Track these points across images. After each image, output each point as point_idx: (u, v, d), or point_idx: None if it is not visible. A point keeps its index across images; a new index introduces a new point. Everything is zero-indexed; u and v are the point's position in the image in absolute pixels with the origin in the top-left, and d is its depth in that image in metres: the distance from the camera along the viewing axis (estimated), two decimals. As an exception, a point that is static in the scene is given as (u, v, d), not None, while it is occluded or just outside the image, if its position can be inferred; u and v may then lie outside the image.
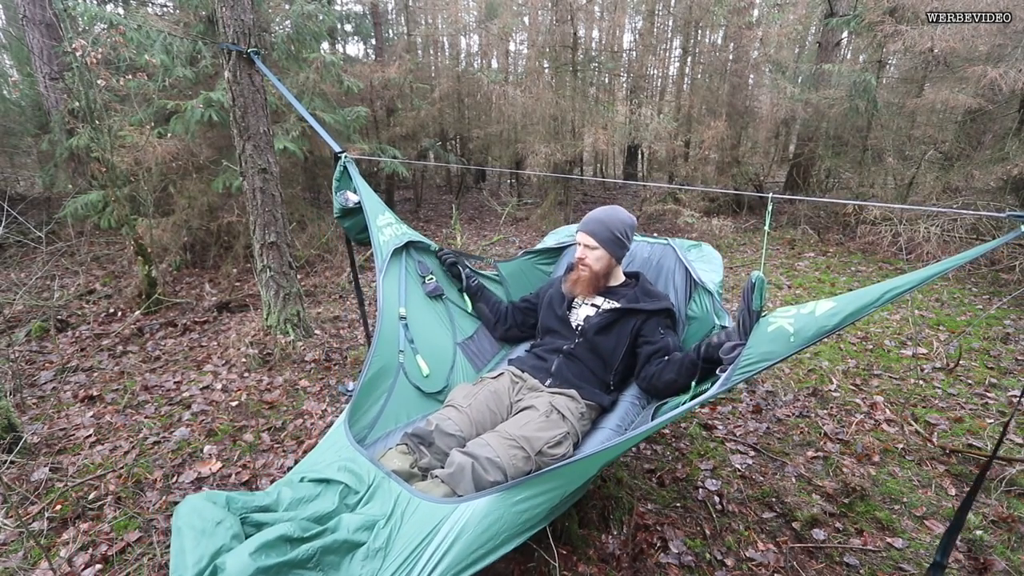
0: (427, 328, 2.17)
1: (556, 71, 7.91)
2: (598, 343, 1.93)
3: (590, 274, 1.99)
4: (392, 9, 11.37)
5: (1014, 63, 4.94)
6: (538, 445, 1.59)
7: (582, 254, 1.99)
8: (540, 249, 2.58)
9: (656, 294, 2.01)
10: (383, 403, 1.90)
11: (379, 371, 1.90)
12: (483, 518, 1.27)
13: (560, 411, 1.76)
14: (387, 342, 1.97)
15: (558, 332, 2.04)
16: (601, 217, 1.97)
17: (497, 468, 1.47)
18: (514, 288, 2.58)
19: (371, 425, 1.84)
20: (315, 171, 6.36)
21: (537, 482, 1.35)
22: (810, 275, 5.13)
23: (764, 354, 1.27)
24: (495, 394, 1.85)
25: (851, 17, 6.41)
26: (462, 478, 1.44)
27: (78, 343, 3.64)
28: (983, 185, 5.44)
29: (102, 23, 4.31)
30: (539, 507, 1.35)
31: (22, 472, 2.23)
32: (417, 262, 2.29)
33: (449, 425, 1.66)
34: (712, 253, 2.32)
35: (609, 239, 1.95)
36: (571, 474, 1.41)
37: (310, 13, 4.92)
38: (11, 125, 6.86)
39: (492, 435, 1.60)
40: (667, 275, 2.26)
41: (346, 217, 2.20)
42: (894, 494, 2.12)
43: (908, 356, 3.31)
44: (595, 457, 1.37)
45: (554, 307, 2.09)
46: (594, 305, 2.02)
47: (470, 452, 1.51)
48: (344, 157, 2.19)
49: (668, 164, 8.59)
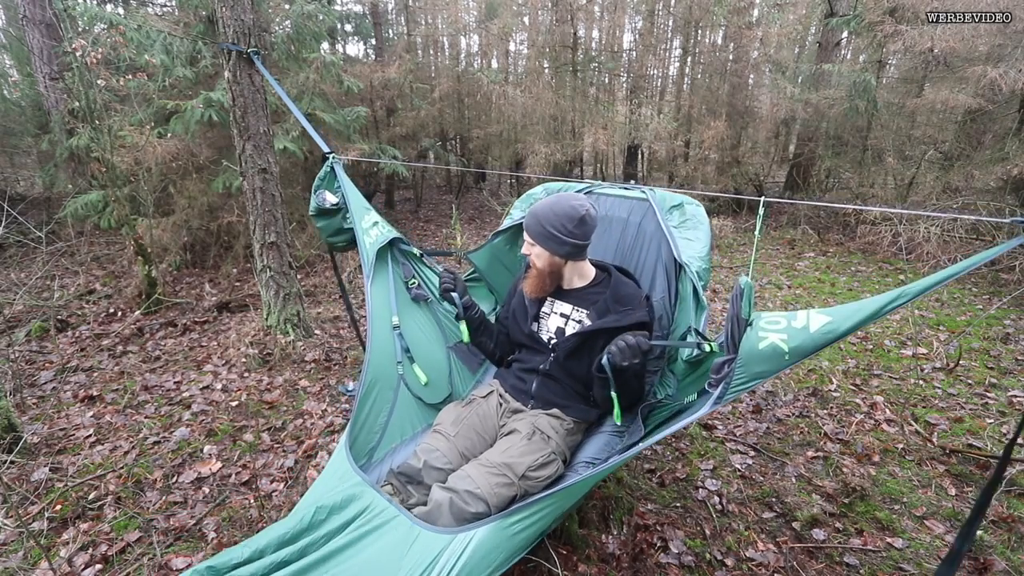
0: (420, 335, 2.10)
1: (556, 71, 7.92)
2: (571, 367, 1.81)
3: (535, 272, 1.81)
4: (392, 9, 11.37)
5: (1014, 63, 4.95)
6: (520, 470, 1.56)
7: (526, 250, 1.81)
8: (508, 227, 2.31)
9: (629, 298, 1.76)
10: (387, 418, 1.85)
11: (378, 385, 1.84)
12: (480, 546, 1.27)
13: (543, 432, 1.71)
14: (382, 353, 1.90)
15: (531, 347, 1.90)
16: (536, 210, 1.73)
17: (478, 499, 1.46)
18: (495, 280, 2.43)
19: (377, 443, 1.80)
20: (315, 171, 6.29)
21: (533, 506, 1.35)
22: (810, 275, 5.13)
23: (757, 373, 1.22)
24: (483, 418, 1.82)
25: (851, 17, 6.42)
26: (440, 515, 1.44)
27: (78, 343, 3.64)
28: (983, 185, 5.44)
29: (102, 23, 4.31)
30: (535, 527, 1.36)
31: (22, 472, 2.23)
32: (401, 264, 2.19)
33: (437, 458, 1.64)
34: (697, 214, 1.99)
35: (542, 234, 1.71)
36: (569, 494, 1.41)
37: (310, 13, 4.92)
38: (11, 125, 6.86)
39: (473, 466, 1.58)
40: (652, 244, 2.02)
41: (320, 217, 2.13)
42: (894, 494, 2.12)
43: (908, 356, 3.31)
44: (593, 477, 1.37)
45: (519, 322, 1.91)
46: (563, 315, 1.84)
47: (450, 487, 1.50)
48: (332, 158, 2.14)
49: (668, 164, 8.60)
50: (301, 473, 2.27)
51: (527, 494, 1.54)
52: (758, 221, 1.57)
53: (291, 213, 5.43)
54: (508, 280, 2.38)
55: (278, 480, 2.22)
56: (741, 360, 1.23)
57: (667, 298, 1.95)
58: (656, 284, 2.00)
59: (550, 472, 1.61)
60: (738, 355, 1.24)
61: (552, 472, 1.62)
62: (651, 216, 2.04)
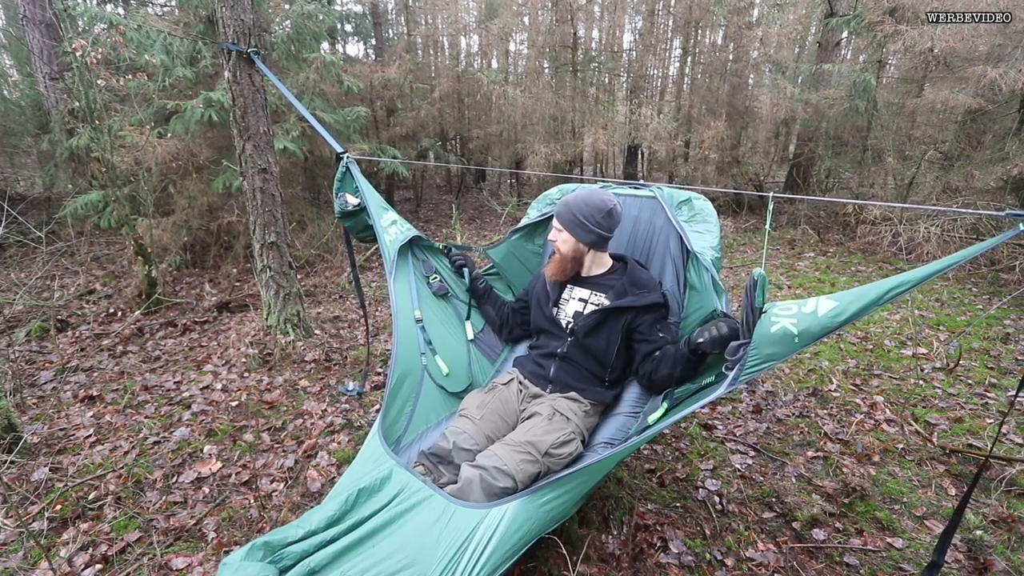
0: (441, 328, 2.19)
1: (556, 71, 7.92)
2: (589, 344, 1.92)
3: (559, 256, 1.97)
4: (392, 9, 11.38)
5: (1014, 63, 4.95)
6: (543, 447, 1.64)
7: (552, 236, 1.98)
8: (525, 225, 2.45)
9: (645, 283, 1.92)
10: (413, 407, 1.95)
11: (404, 376, 1.93)
12: (514, 519, 1.35)
13: (563, 413, 1.81)
14: (407, 346, 1.99)
15: (550, 332, 2.02)
16: (569, 200, 1.92)
17: (505, 475, 1.54)
18: (512, 274, 2.51)
19: (404, 430, 1.89)
20: (315, 171, 6.36)
21: (561, 483, 1.43)
22: (810, 275, 5.13)
23: (769, 355, 1.30)
24: (504, 403, 1.91)
25: (851, 17, 6.41)
26: (471, 490, 1.51)
27: (78, 343, 3.64)
28: (983, 185, 5.44)
29: (102, 23, 4.32)
30: (564, 504, 1.47)
31: (22, 472, 2.23)
32: (421, 261, 2.28)
33: (465, 440, 1.72)
34: (706, 209, 2.11)
35: (571, 222, 1.89)
36: (593, 472, 1.50)
37: (310, 13, 4.92)
38: (11, 125, 6.86)
39: (499, 445, 1.67)
40: (660, 238, 2.13)
41: (346, 218, 2.21)
42: (894, 494, 2.12)
43: (908, 356, 3.31)
44: (614, 456, 1.45)
45: (542, 307, 2.05)
46: (582, 300, 1.98)
47: (478, 464, 1.58)
48: (347, 157, 2.19)
49: (668, 164, 8.60)
50: (301, 473, 2.27)
51: (550, 471, 1.63)
52: (768, 215, 1.63)
53: (291, 213, 5.44)
54: (524, 275, 2.50)
55: (278, 480, 2.22)
56: (755, 343, 1.33)
57: (676, 287, 2.06)
58: (666, 274, 2.10)
59: (571, 450, 1.70)
60: (752, 339, 1.33)
61: (573, 450, 1.71)
62: (660, 212, 2.16)
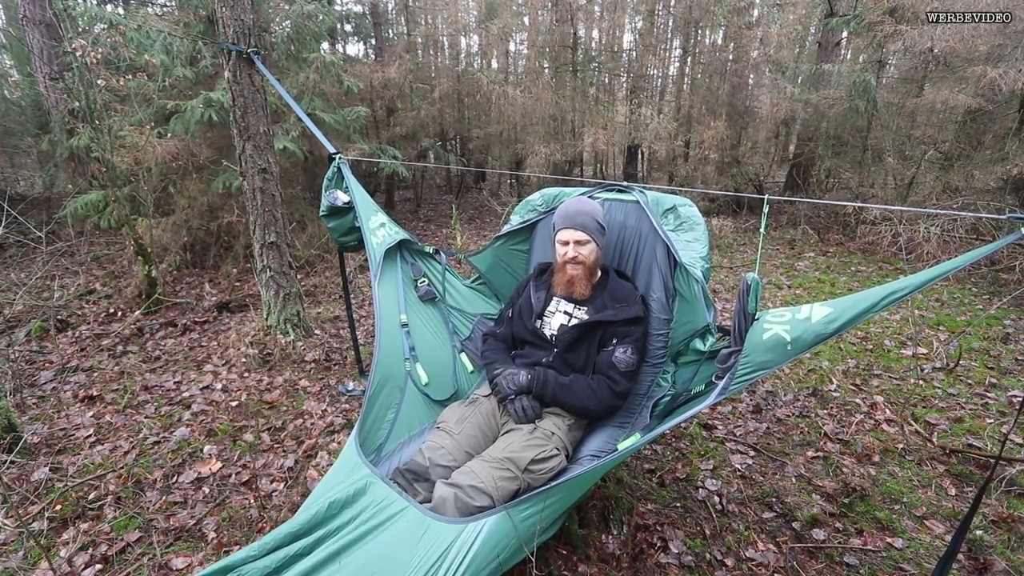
0: (427, 333, 2.15)
1: (556, 71, 7.92)
2: (570, 359, 1.90)
3: (584, 270, 1.91)
4: (392, 9, 11.37)
5: (1014, 63, 4.95)
6: (523, 463, 1.60)
7: (574, 252, 1.88)
8: (508, 232, 2.36)
9: (624, 296, 1.91)
10: (395, 414, 1.89)
11: (384, 382, 1.87)
12: (492, 534, 1.31)
13: (545, 428, 1.76)
14: (390, 351, 1.93)
15: (534, 343, 1.98)
16: (585, 209, 1.90)
17: (482, 493, 1.49)
18: (497, 281, 2.46)
19: (385, 438, 1.84)
20: (315, 171, 6.36)
21: (543, 497, 1.38)
22: (810, 275, 5.13)
23: (761, 363, 1.26)
24: (485, 416, 1.86)
25: (851, 17, 6.41)
26: (445, 510, 1.46)
27: (78, 343, 3.64)
28: (983, 185, 5.44)
29: (102, 23, 4.32)
30: (548, 518, 1.40)
31: (22, 472, 2.23)
32: (410, 264, 2.24)
33: (443, 456, 1.67)
34: (692, 216, 2.02)
35: (597, 229, 1.90)
36: (578, 484, 1.45)
37: (310, 13, 4.92)
38: (11, 125, 6.86)
39: (476, 461, 1.62)
40: (647, 246, 2.07)
41: (332, 217, 2.15)
42: (894, 494, 2.12)
43: (908, 356, 3.31)
44: (599, 468, 1.40)
45: (524, 320, 2.00)
46: (566, 313, 1.96)
47: (454, 482, 1.53)
48: (339, 158, 2.17)
49: (668, 164, 8.60)
50: (301, 473, 2.27)
51: (530, 487, 1.57)
52: (763, 219, 1.58)
53: (291, 213, 5.43)
54: (511, 282, 2.42)
55: (278, 480, 2.22)
56: (746, 351, 1.28)
57: (664, 296, 2.02)
58: (653, 283, 2.05)
59: (552, 465, 1.66)
60: (743, 347, 1.29)
61: (555, 465, 1.66)
62: (646, 218, 2.10)
